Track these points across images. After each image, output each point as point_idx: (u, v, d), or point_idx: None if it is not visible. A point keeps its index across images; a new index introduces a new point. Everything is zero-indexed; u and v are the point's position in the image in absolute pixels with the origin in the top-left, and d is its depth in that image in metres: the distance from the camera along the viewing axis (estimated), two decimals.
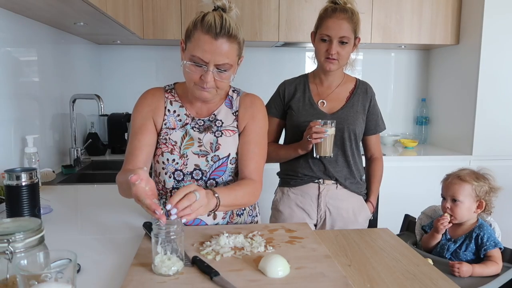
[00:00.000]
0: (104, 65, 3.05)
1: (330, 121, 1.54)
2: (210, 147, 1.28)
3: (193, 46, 1.16)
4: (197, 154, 1.27)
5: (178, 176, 1.28)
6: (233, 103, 1.33)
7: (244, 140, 1.30)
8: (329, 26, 1.54)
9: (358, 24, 1.57)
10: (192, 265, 0.99)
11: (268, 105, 1.72)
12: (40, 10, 1.80)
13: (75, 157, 2.36)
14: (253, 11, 2.65)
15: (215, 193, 1.10)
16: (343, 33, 1.53)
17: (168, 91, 1.33)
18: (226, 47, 1.15)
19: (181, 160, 1.27)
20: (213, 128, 1.29)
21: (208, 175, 1.28)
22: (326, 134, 1.51)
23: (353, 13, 1.55)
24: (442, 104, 3.07)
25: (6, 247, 0.77)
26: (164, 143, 1.28)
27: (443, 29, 2.82)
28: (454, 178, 1.57)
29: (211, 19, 1.14)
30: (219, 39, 1.13)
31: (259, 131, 1.32)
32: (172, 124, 1.29)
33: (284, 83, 1.73)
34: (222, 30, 1.13)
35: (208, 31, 1.13)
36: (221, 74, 1.17)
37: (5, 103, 1.78)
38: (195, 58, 1.15)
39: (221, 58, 1.15)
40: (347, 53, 1.57)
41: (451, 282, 0.99)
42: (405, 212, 1.88)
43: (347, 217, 1.67)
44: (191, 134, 1.28)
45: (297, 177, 1.68)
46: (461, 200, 1.53)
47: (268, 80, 3.06)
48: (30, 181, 1.26)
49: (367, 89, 1.70)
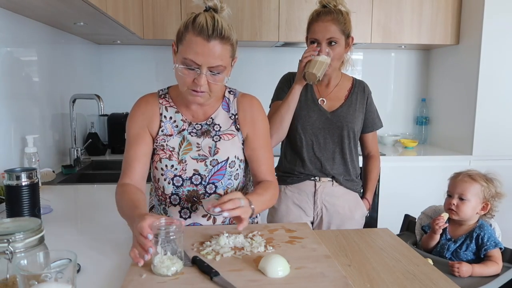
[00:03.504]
0: (104, 65, 3.05)
1: (328, 51, 1.54)
2: (208, 151, 1.27)
3: (185, 49, 1.13)
4: (196, 159, 1.26)
5: (177, 182, 1.27)
6: (230, 105, 1.31)
7: (251, 147, 1.31)
8: (316, 30, 1.57)
9: (347, 24, 1.58)
10: (192, 265, 0.99)
11: (276, 91, 1.73)
12: (40, 10, 1.80)
13: (75, 157, 2.36)
14: (253, 11, 2.65)
15: (251, 204, 1.14)
16: (329, 35, 1.55)
17: (162, 97, 1.30)
18: (219, 49, 1.12)
19: (179, 165, 1.26)
20: (211, 133, 1.28)
21: (207, 180, 1.27)
22: (317, 58, 1.51)
23: (340, 13, 1.56)
24: (442, 104, 3.07)
25: (6, 247, 0.77)
26: (161, 149, 1.26)
27: (443, 29, 2.81)
28: (465, 176, 1.57)
29: (202, 21, 1.11)
30: (212, 41, 1.11)
31: (262, 133, 1.32)
32: (169, 130, 1.27)
33: (290, 74, 1.74)
34: (215, 32, 1.10)
35: (200, 33, 1.10)
36: (215, 76, 1.15)
37: (5, 103, 1.77)
38: (187, 61, 1.12)
39: (214, 60, 1.12)
40: (338, 54, 1.58)
41: (451, 282, 0.99)
42: (405, 212, 1.88)
43: (343, 214, 1.68)
44: (188, 140, 1.27)
45: (293, 175, 1.69)
46: (468, 199, 1.54)
47: (267, 80, 3.05)
48: (30, 181, 1.26)
49: (364, 88, 1.72)
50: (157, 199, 1.35)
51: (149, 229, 0.93)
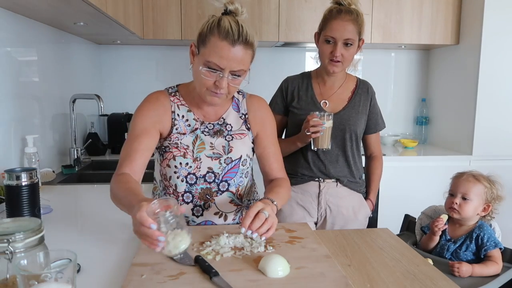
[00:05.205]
0: (104, 65, 3.04)
1: (327, 114, 1.54)
2: (223, 150, 1.29)
3: (208, 52, 1.14)
4: (210, 157, 1.28)
5: (191, 179, 1.28)
6: (240, 106, 1.35)
7: (262, 146, 1.36)
8: (334, 28, 1.53)
9: (362, 25, 1.56)
10: (195, 264, 0.99)
11: (271, 101, 1.72)
12: (40, 10, 1.80)
13: (75, 157, 2.36)
14: (253, 11, 2.65)
15: (273, 200, 1.17)
16: (348, 35, 1.52)
17: (172, 95, 1.30)
18: (242, 54, 1.15)
19: (194, 163, 1.27)
20: (224, 133, 1.30)
21: (220, 178, 1.29)
22: (323, 127, 1.51)
23: (358, 14, 1.54)
24: (442, 104, 3.07)
25: (6, 247, 0.77)
26: (175, 147, 1.26)
27: (443, 29, 2.81)
28: (469, 176, 1.57)
29: (227, 25, 1.12)
30: (236, 46, 1.13)
31: (271, 132, 1.38)
32: (182, 129, 1.28)
33: (287, 80, 1.73)
34: (240, 37, 1.13)
35: (226, 38, 1.12)
36: (235, 79, 1.18)
37: (5, 103, 1.77)
38: (211, 64, 1.14)
39: (237, 64, 1.15)
40: (351, 55, 1.56)
41: (451, 282, 0.99)
42: (405, 212, 1.88)
43: (347, 215, 1.67)
44: (202, 138, 1.28)
45: (297, 177, 1.68)
46: (471, 198, 1.53)
47: (268, 80, 3.04)
48: (30, 181, 1.26)
49: (368, 89, 1.70)
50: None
51: (150, 219, 0.87)
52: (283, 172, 1.39)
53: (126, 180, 1.12)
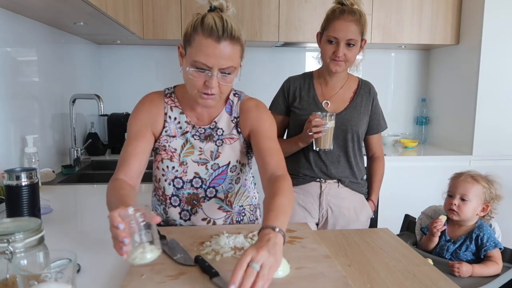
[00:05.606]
0: (104, 65, 3.04)
1: (330, 114, 1.53)
2: (210, 155, 1.26)
3: (194, 51, 1.10)
4: (197, 162, 1.26)
5: (178, 183, 1.27)
6: (233, 108, 1.29)
7: (257, 140, 1.24)
8: (337, 28, 1.52)
9: (365, 26, 1.56)
10: (194, 263, 0.99)
11: (273, 101, 1.72)
12: (40, 10, 1.80)
13: (75, 157, 2.36)
14: (253, 11, 2.65)
15: (275, 228, 0.93)
16: (350, 36, 1.52)
17: (167, 96, 1.28)
18: (229, 50, 1.10)
19: (180, 167, 1.25)
20: (214, 137, 1.27)
21: (207, 183, 1.27)
22: (325, 127, 1.51)
23: (361, 15, 1.54)
24: (442, 104, 3.07)
25: (6, 247, 0.77)
26: (163, 149, 1.26)
27: (443, 29, 2.81)
28: (467, 176, 1.57)
29: (211, 22, 1.08)
30: (222, 42, 1.08)
31: (268, 127, 1.26)
32: (172, 131, 1.26)
33: (288, 80, 1.72)
34: (225, 33, 1.08)
35: (210, 35, 1.08)
36: (225, 77, 1.12)
37: (5, 103, 1.77)
38: (198, 64, 1.10)
39: (225, 61, 1.09)
40: (353, 56, 1.56)
41: (451, 282, 0.99)
42: (405, 212, 1.88)
43: (348, 216, 1.67)
44: (192, 142, 1.26)
45: (298, 177, 1.68)
46: (470, 199, 1.53)
47: (268, 80, 3.06)
48: (30, 181, 1.26)
49: (370, 89, 1.70)
50: (157, 199, 1.34)
51: (119, 218, 0.85)
52: (282, 168, 1.19)
53: (120, 186, 1.10)
